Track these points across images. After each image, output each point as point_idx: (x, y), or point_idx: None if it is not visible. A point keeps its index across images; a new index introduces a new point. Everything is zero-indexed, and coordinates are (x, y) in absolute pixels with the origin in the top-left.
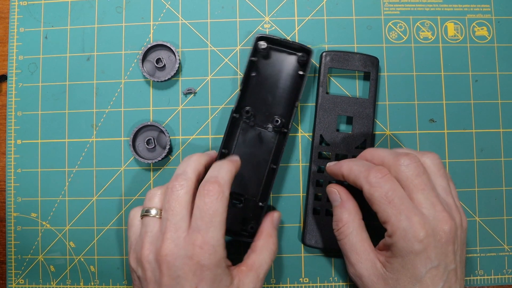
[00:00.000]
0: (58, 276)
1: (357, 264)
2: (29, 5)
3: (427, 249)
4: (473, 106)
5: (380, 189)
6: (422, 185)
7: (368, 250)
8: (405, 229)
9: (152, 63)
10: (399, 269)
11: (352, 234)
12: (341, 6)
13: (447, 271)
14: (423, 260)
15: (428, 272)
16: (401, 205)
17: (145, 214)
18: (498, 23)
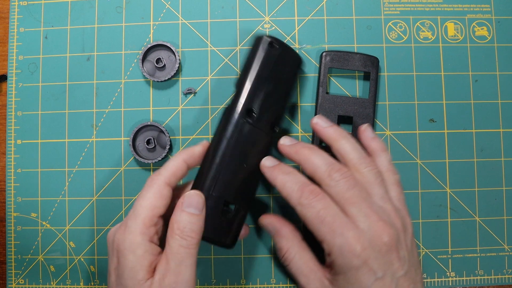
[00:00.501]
0: (58, 276)
1: (306, 285)
2: (29, 5)
3: (367, 262)
4: (473, 106)
5: (312, 209)
6: (353, 199)
7: (314, 270)
8: (341, 246)
9: (152, 63)
10: (345, 286)
11: (295, 258)
12: (341, 6)
13: (395, 279)
14: (366, 274)
15: (373, 284)
16: (333, 222)
17: None
18: (498, 23)
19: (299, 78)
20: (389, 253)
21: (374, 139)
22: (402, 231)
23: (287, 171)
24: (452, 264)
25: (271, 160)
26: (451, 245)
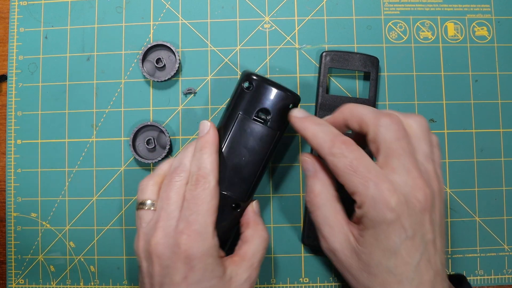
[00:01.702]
0: (58, 276)
1: (330, 237)
2: (29, 5)
3: (400, 218)
4: (473, 106)
5: (344, 159)
6: (399, 150)
7: (341, 223)
8: (374, 197)
9: (152, 63)
10: (372, 242)
11: (325, 205)
12: (341, 6)
13: (424, 241)
14: (397, 230)
15: (403, 243)
16: (367, 173)
17: (139, 207)
18: (498, 23)
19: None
20: (423, 213)
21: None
22: (438, 195)
23: (319, 122)
24: (452, 264)
25: (301, 112)
26: (451, 245)
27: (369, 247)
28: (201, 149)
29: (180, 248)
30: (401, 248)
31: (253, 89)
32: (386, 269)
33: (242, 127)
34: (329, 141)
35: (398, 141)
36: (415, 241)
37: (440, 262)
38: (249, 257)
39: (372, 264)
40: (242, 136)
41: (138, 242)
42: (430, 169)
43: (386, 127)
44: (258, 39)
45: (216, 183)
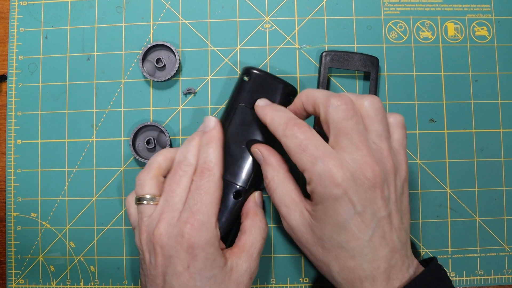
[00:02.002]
0: (58, 276)
1: (287, 216)
2: (29, 5)
3: (347, 193)
4: (473, 106)
5: (295, 139)
6: (348, 129)
7: (296, 201)
8: (320, 174)
9: (152, 63)
10: (322, 217)
11: (278, 187)
12: (341, 6)
13: (376, 218)
14: (345, 206)
15: (352, 218)
16: (316, 151)
17: (139, 202)
18: (498, 23)
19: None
20: (372, 190)
21: None
22: (392, 172)
23: (277, 108)
24: (452, 264)
25: (264, 101)
26: (451, 245)
27: (321, 222)
28: (207, 143)
29: (183, 237)
30: (351, 223)
31: (251, 81)
32: (338, 243)
33: (241, 117)
34: (283, 124)
35: (346, 121)
36: (365, 216)
37: (397, 239)
38: (247, 247)
39: (325, 238)
40: (242, 125)
41: (140, 235)
42: (383, 147)
43: (335, 107)
44: (258, 39)
45: (220, 176)
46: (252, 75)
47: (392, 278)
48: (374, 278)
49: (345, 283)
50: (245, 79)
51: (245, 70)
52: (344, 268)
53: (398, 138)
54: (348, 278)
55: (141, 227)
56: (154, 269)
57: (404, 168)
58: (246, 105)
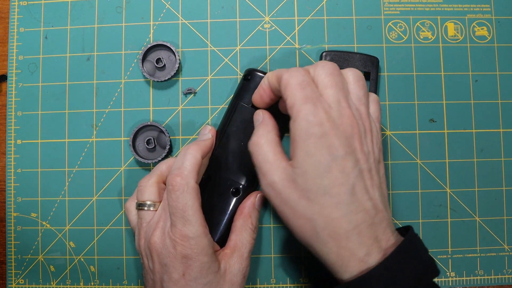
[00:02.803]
0: (58, 276)
1: (268, 172)
2: (29, 5)
3: (329, 135)
4: (473, 106)
5: (297, 78)
6: (332, 82)
7: (280, 159)
8: (307, 112)
9: (152, 63)
10: (304, 159)
11: (264, 144)
12: (341, 6)
13: (357, 168)
14: (326, 146)
15: (334, 161)
16: (310, 94)
17: (139, 208)
18: (498, 23)
19: None
20: (351, 139)
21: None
22: (369, 133)
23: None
24: (452, 264)
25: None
26: (451, 245)
27: (303, 166)
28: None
29: (176, 250)
30: (333, 166)
31: (252, 81)
32: (322, 189)
33: (241, 115)
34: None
35: (332, 76)
36: (347, 162)
37: (380, 198)
38: (238, 248)
39: (308, 186)
40: (242, 123)
41: (139, 241)
42: (362, 110)
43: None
44: (258, 39)
45: (195, 185)
46: (253, 76)
47: (378, 237)
48: (360, 232)
49: (331, 241)
50: (245, 78)
51: (247, 72)
52: (328, 220)
53: (374, 111)
54: (333, 232)
55: (140, 232)
56: (153, 274)
57: (380, 138)
58: (246, 104)
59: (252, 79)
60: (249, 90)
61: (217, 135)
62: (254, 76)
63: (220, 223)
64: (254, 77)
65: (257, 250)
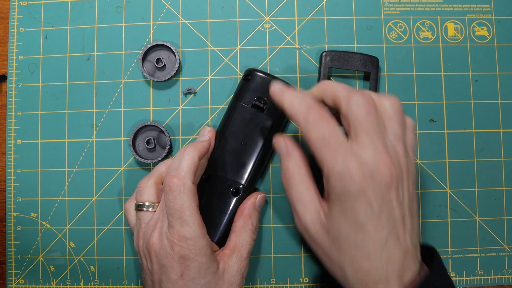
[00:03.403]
0: (58, 276)
1: (302, 214)
2: (29, 5)
3: (365, 192)
4: (473, 106)
5: (317, 130)
6: (368, 126)
7: (314, 199)
8: (341, 170)
9: (152, 63)
10: (339, 217)
11: (298, 183)
12: (341, 6)
13: (392, 219)
14: (363, 205)
15: (369, 218)
16: (338, 146)
17: (138, 209)
18: (498, 23)
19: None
20: (388, 190)
21: None
22: (406, 174)
23: (297, 92)
24: (452, 264)
25: (279, 84)
26: (451, 245)
27: (337, 222)
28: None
29: (174, 250)
30: (368, 223)
31: (252, 81)
32: (354, 244)
33: (241, 114)
34: (305, 109)
35: (368, 118)
36: (382, 217)
37: (410, 241)
38: (238, 248)
39: (341, 239)
40: (241, 122)
41: (138, 241)
42: (399, 149)
43: (358, 103)
44: (258, 39)
45: (191, 186)
46: (253, 76)
47: (405, 281)
48: (388, 280)
49: (359, 286)
50: (245, 78)
51: (247, 71)
52: (359, 270)
53: (410, 142)
54: (362, 280)
55: (139, 233)
56: (151, 275)
57: (414, 171)
58: (246, 104)
59: (252, 79)
60: (249, 90)
61: (217, 135)
62: (254, 76)
63: (220, 223)
64: (254, 77)
65: (257, 250)
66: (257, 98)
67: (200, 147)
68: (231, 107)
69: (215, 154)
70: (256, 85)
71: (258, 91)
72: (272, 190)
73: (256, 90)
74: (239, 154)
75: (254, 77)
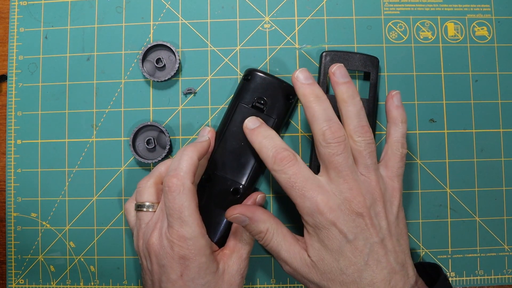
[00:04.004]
0: (58, 276)
1: (289, 260)
2: (29, 5)
3: (335, 224)
4: (473, 106)
5: (284, 175)
6: (337, 164)
7: (293, 243)
8: (310, 208)
9: (152, 63)
10: (320, 248)
11: (274, 236)
12: (341, 6)
13: (369, 244)
14: (336, 235)
15: (345, 246)
16: (303, 187)
17: (138, 209)
18: (498, 23)
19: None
20: (360, 219)
21: (398, 108)
22: (381, 200)
23: (266, 134)
24: (452, 264)
25: (253, 122)
26: (451, 245)
27: (319, 254)
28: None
29: (173, 250)
30: (345, 249)
31: (252, 81)
32: (339, 270)
33: (241, 114)
34: (271, 157)
35: (336, 156)
36: (358, 243)
37: (395, 261)
38: (238, 249)
39: (327, 270)
40: (242, 123)
41: (138, 242)
42: (371, 177)
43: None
44: (258, 39)
45: (191, 186)
46: (253, 76)
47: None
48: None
49: None
50: (245, 78)
51: (247, 71)
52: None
53: (393, 166)
54: None
55: (138, 233)
56: (151, 275)
57: (397, 196)
58: (246, 104)
59: (252, 79)
60: (249, 90)
61: (217, 135)
62: (254, 76)
63: (220, 223)
64: (254, 77)
65: (257, 250)
66: (257, 98)
67: (199, 147)
68: (231, 107)
69: (215, 154)
70: (256, 85)
71: (258, 91)
72: (272, 190)
73: (256, 90)
74: (239, 154)
75: (254, 77)
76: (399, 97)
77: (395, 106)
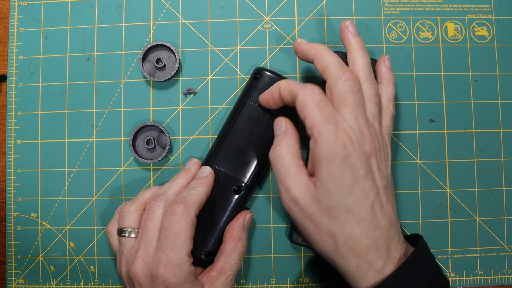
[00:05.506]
0: (58, 276)
1: (291, 187)
2: (29, 5)
3: (352, 156)
4: (473, 106)
5: (314, 97)
6: (351, 102)
7: (303, 174)
8: (330, 132)
9: (152, 63)
10: (328, 180)
11: (287, 157)
12: (341, 6)
13: (376, 186)
14: (349, 168)
15: (356, 181)
16: (330, 113)
17: (120, 234)
18: (498, 23)
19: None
20: (370, 157)
21: (389, 70)
22: (383, 149)
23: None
24: (452, 264)
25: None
26: (451, 245)
27: (327, 187)
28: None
29: (158, 278)
30: (355, 185)
31: (261, 81)
32: (345, 208)
33: (248, 113)
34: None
35: (352, 95)
36: (367, 182)
37: (393, 211)
38: (225, 270)
39: (331, 204)
40: (248, 121)
41: (120, 268)
42: (376, 126)
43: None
44: (258, 39)
45: (194, 217)
46: (262, 75)
47: (392, 249)
48: (378, 246)
49: (351, 254)
50: (253, 77)
51: (256, 70)
52: (350, 236)
53: (386, 125)
54: (354, 247)
55: (121, 259)
56: None
57: (390, 153)
58: (253, 103)
59: (261, 78)
60: (257, 89)
61: (223, 131)
62: (263, 75)
63: (220, 220)
64: (263, 76)
65: (257, 250)
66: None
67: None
68: (238, 105)
69: (220, 151)
70: (265, 84)
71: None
72: (272, 190)
73: (264, 89)
74: (243, 153)
75: (263, 76)
76: (390, 61)
77: (387, 69)
